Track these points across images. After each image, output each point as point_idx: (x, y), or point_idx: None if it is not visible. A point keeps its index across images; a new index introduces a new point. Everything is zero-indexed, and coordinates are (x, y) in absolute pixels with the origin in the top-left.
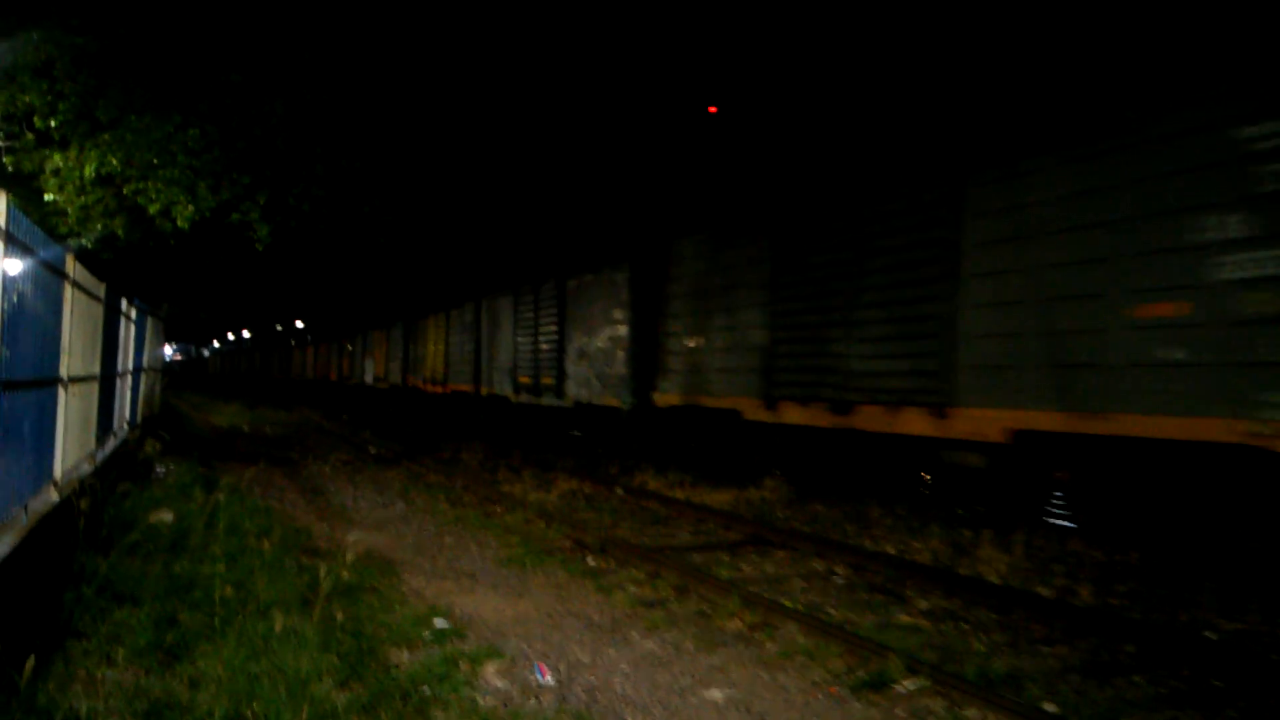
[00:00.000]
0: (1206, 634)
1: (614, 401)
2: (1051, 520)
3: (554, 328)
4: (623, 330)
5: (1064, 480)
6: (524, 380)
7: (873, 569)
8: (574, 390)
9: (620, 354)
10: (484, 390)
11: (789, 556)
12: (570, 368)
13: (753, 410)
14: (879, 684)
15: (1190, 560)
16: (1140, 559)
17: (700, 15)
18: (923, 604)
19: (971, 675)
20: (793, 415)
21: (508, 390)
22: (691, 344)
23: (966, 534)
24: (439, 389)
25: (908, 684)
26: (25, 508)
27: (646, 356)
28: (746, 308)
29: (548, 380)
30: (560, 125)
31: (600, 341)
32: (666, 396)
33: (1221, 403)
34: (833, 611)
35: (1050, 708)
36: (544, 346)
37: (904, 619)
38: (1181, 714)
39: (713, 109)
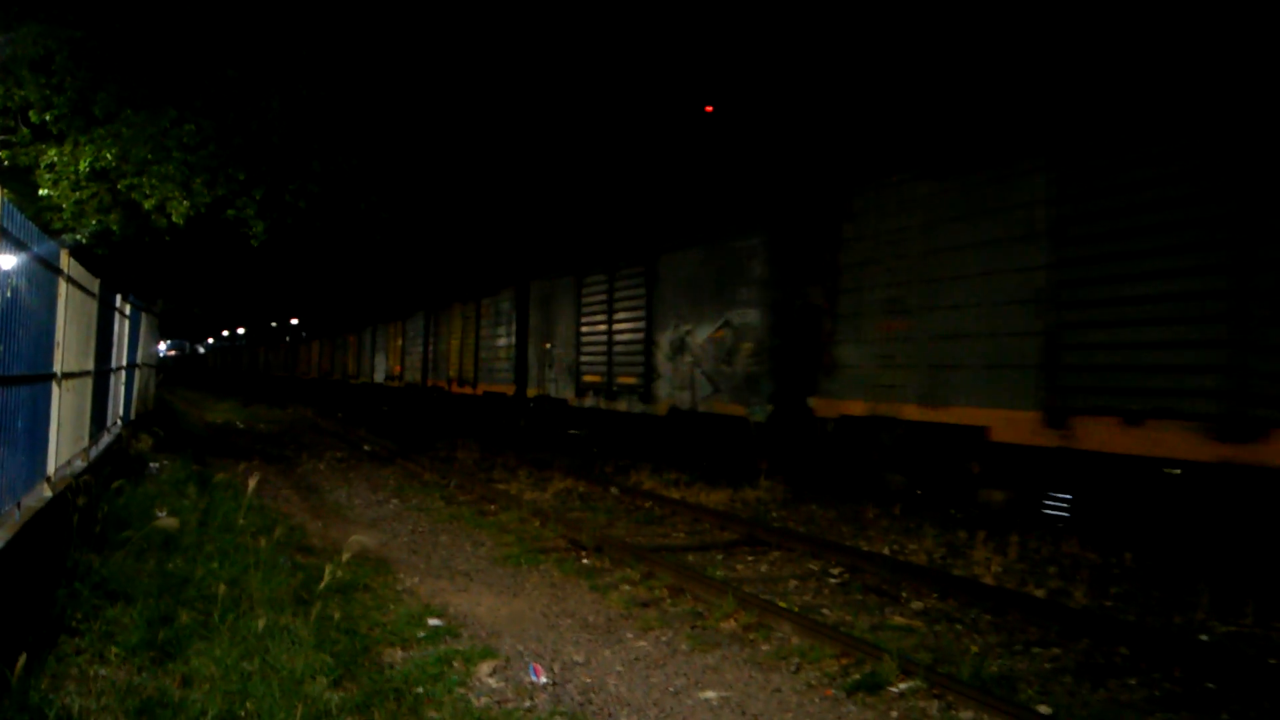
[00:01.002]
0: (1201, 637)
1: (736, 409)
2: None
3: (638, 315)
4: (753, 315)
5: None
6: (591, 380)
7: (868, 570)
8: (667, 393)
9: (747, 346)
10: (531, 392)
11: (784, 557)
12: (662, 364)
13: (1014, 428)
14: (873, 685)
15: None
16: (1134, 560)
17: None
18: (917, 605)
19: (966, 676)
20: (1105, 438)
21: (566, 392)
22: (882, 331)
23: (961, 535)
24: (468, 390)
25: (902, 685)
26: (18, 504)
27: (794, 349)
28: (1001, 273)
29: (628, 380)
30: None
31: (713, 329)
32: (836, 404)
33: None
34: (827, 612)
35: (1044, 709)
36: (622, 338)
37: (899, 620)
38: (1175, 716)
39: None
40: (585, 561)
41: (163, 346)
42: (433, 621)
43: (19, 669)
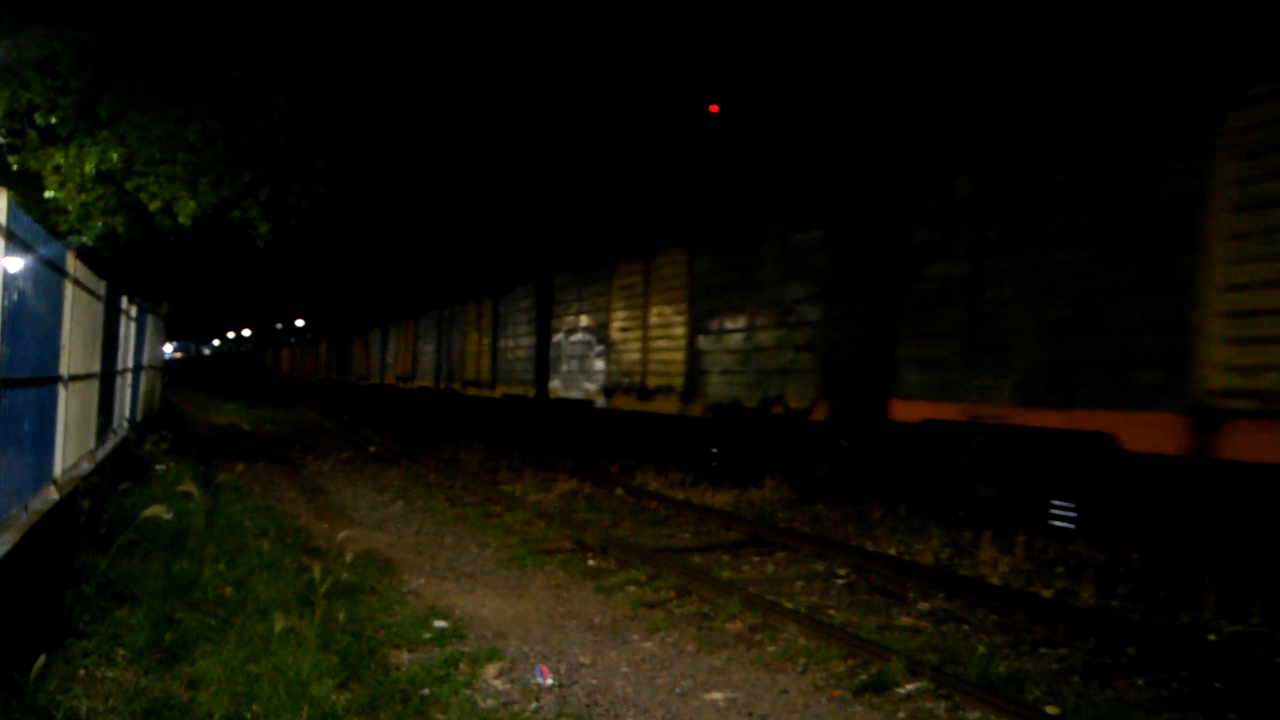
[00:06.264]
0: (1209, 636)
1: (525, 391)
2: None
3: (488, 332)
4: (530, 339)
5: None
6: (470, 377)
7: (874, 570)
8: (501, 382)
9: (525, 356)
10: (443, 385)
11: (790, 557)
12: (500, 366)
13: (614, 404)
14: (880, 686)
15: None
16: (1141, 560)
17: None
18: (924, 605)
19: (973, 677)
20: (634, 405)
21: (457, 385)
22: (578, 354)
23: (967, 535)
24: (408, 384)
25: (909, 686)
26: (25, 507)
27: (546, 360)
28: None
29: (484, 376)
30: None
31: (516, 344)
32: (556, 390)
33: None
34: (834, 613)
35: (1052, 710)
36: (484, 348)
37: (905, 620)
38: (1182, 716)
39: None
40: (591, 563)
41: (168, 348)
42: (438, 623)
43: (35, 670)
